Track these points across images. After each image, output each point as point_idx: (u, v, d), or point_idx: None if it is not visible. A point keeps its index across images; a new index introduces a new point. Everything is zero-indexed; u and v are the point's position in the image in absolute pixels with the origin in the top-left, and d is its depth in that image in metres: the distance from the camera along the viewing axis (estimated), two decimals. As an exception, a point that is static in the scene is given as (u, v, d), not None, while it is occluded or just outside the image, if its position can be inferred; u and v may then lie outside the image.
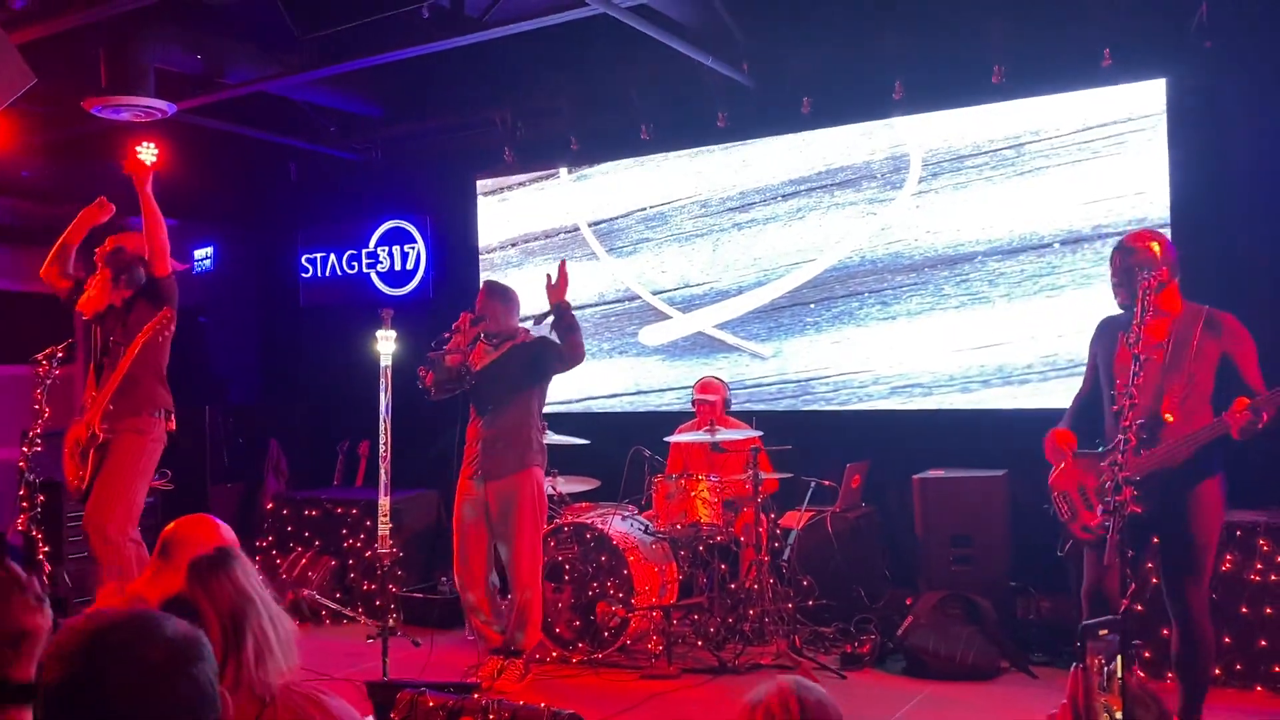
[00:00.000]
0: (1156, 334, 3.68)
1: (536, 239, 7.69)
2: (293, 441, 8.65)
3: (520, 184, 7.79)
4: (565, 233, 7.59)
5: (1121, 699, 1.59)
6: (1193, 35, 5.53)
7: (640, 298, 7.32)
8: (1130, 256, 3.76)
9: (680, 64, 6.42)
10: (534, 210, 7.74)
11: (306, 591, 6.22)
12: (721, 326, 7.03)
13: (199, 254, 9.26)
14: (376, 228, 8.46)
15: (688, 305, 7.16)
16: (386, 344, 4.49)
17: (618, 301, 7.40)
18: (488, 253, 7.90)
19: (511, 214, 7.84)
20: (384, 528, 4.36)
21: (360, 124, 8.03)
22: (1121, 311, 3.89)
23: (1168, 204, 5.68)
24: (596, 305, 7.48)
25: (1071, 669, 1.67)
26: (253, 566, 2.06)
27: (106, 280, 5.15)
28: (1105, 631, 2.68)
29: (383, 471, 4.38)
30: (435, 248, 8.27)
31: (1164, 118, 5.72)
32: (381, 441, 4.44)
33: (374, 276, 8.45)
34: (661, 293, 7.24)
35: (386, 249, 8.41)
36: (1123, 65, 5.73)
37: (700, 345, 7.09)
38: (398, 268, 8.35)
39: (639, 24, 5.74)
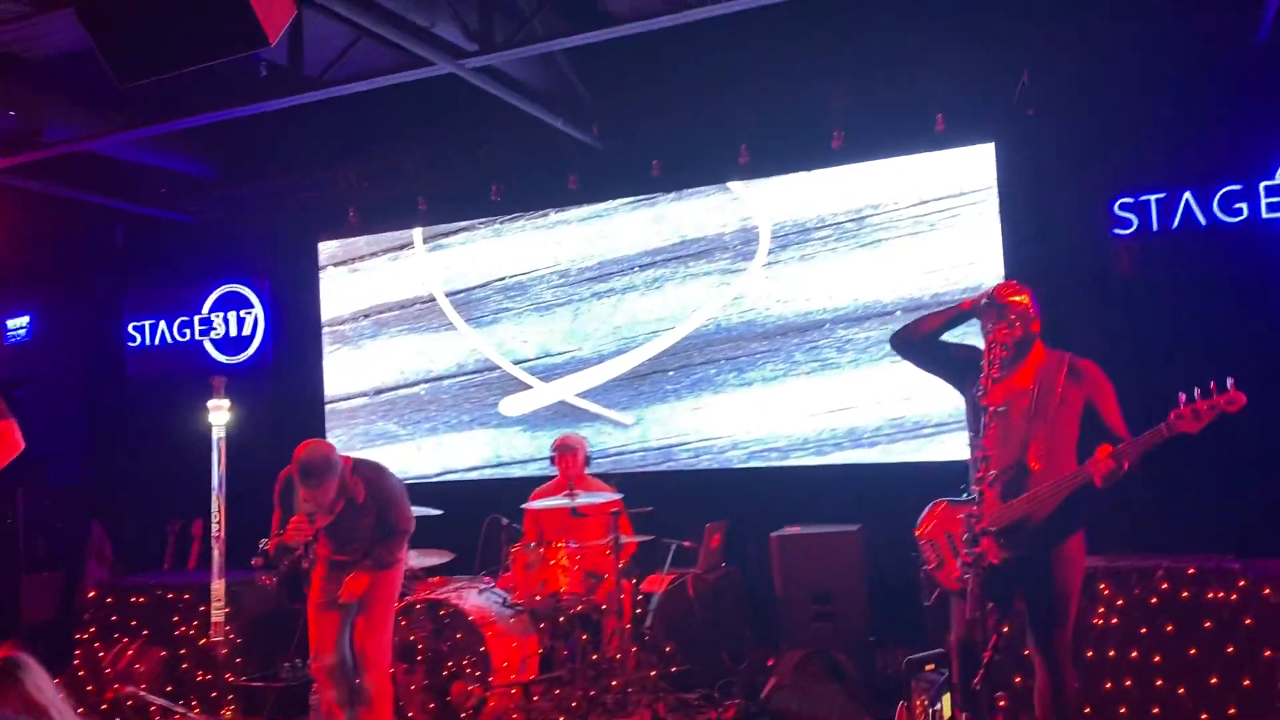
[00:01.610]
0: (1021, 381, 3.68)
1: (391, 310, 7.51)
2: (119, 524, 8.04)
3: (373, 254, 7.60)
4: (421, 303, 7.44)
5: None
6: (1017, 103, 5.85)
7: (500, 368, 7.22)
8: (1007, 312, 3.69)
9: (530, 125, 6.40)
10: (388, 280, 7.55)
11: (128, 688, 5.72)
12: (583, 395, 7.01)
13: (13, 324, 8.61)
14: (210, 293, 8.06)
15: (549, 374, 7.10)
16: (219, 414, 4.18)
17: (477, 372, 7.28)
18: (339, 324, 7.65)
19: (364, 284, 7.63)
20: (217, 614, 4.02)
21: (193, 185, 7.68)
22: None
23: (1001, 272, 5.94)
24: (455, 376, 7.33)
25: (898, 706, 1.61)
26: (46, 677, 1.80)
27: None
28: (931, 667, 2.65)
29: (215, 552, 4.05)
30: (274, 313, 7.92)
31: (994, 190, 6.03)
32: (214, 519, 4.12)
33: (207, 344, 8.01)
34: (522, 362, 7.17)
35: (221, 315, 8.00)
36: (955, 131, 6.02)
37: (562, 414, 7.01)
38: (234, 334, 7.95)
39: (487, 85, 5.68)
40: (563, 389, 7.06)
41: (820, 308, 6.43)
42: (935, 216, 6.18)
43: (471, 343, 7.30)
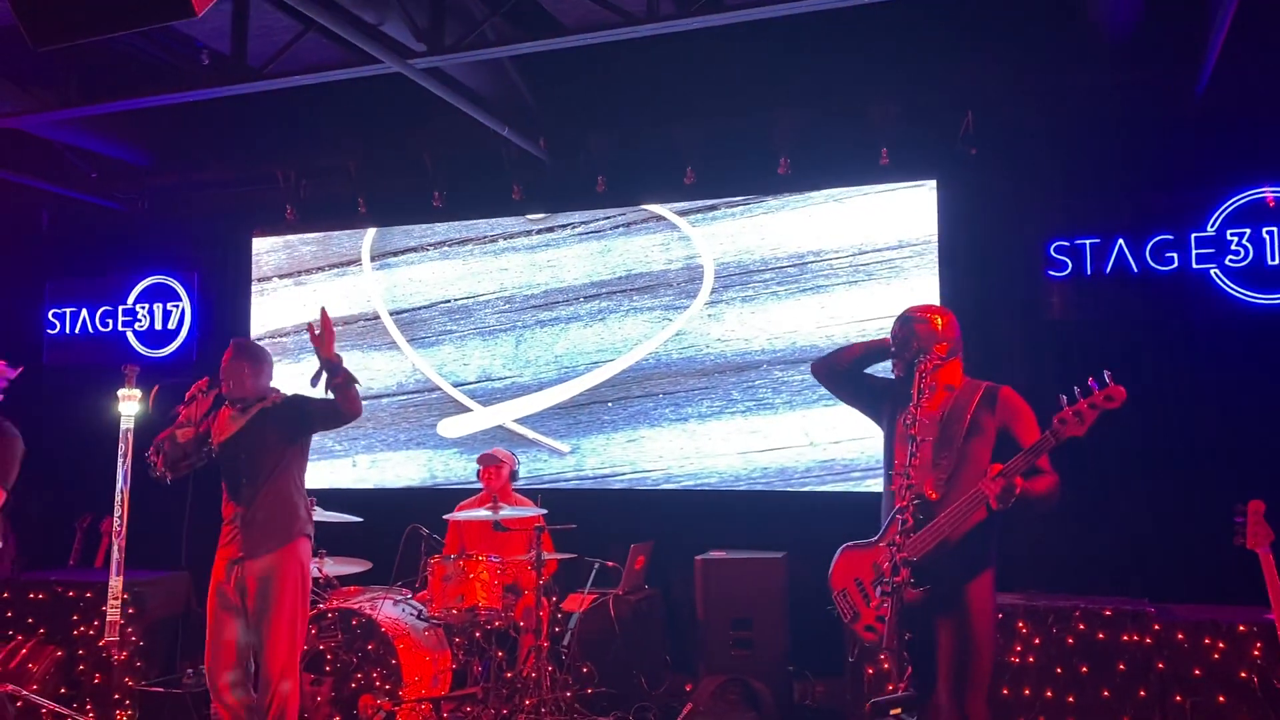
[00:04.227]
0: (933, 409, 3.52)
1: (335, 325, 7.31)
2: (25, 517, 7.72)
3: (320, 268, 7.50)
4: (366, 319, 7.38)
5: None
6: (960, 142, 5.92)
7: (440, 389, 7.16)
8: (909, 326, 3.64)
9: (476, 133, 6.33)
10: (333, 296, 7.44)
11: (10, 686, 5.46)
12: (521, 421, 6.98)
13: (-73, 303, 8.28)
14: (137, 283, 7.84)
15: (488, 399, 7.06)
16: (129, 405, 4.02)
17: (417, 392, 7.21)
18: (282, 335, 7.55)
19: (309, 298, 7.50)
20: (113, 613, 3.85)
21: (126, 171, 7.47)
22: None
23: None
24: (395, 395, 7.26)
25: None
26: None
27: None
28: (898, 711, 2.59)
29: (116, 549, 3.87)
30: (202, 307, 7.73)
31: (932, 244, 6.09)
32: (117, 515, 3.94)
33: (130, 336, 7.79)
34: (462, 385, 7.12)
35: (146, 306, 7.78)
36: (899, 166, 6.07)
37: (499, 439, 6.94)
38: (158, 327, 7.74)
39: (435, 87, 5.60)
40: (501, 414, 7.03)
41: (759, 349, 6.48)
42: (875, 266, 6.25)
43: (413, 362, 7.23)
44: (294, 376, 7.44)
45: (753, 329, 6.49)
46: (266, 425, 4.50)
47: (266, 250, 7.62)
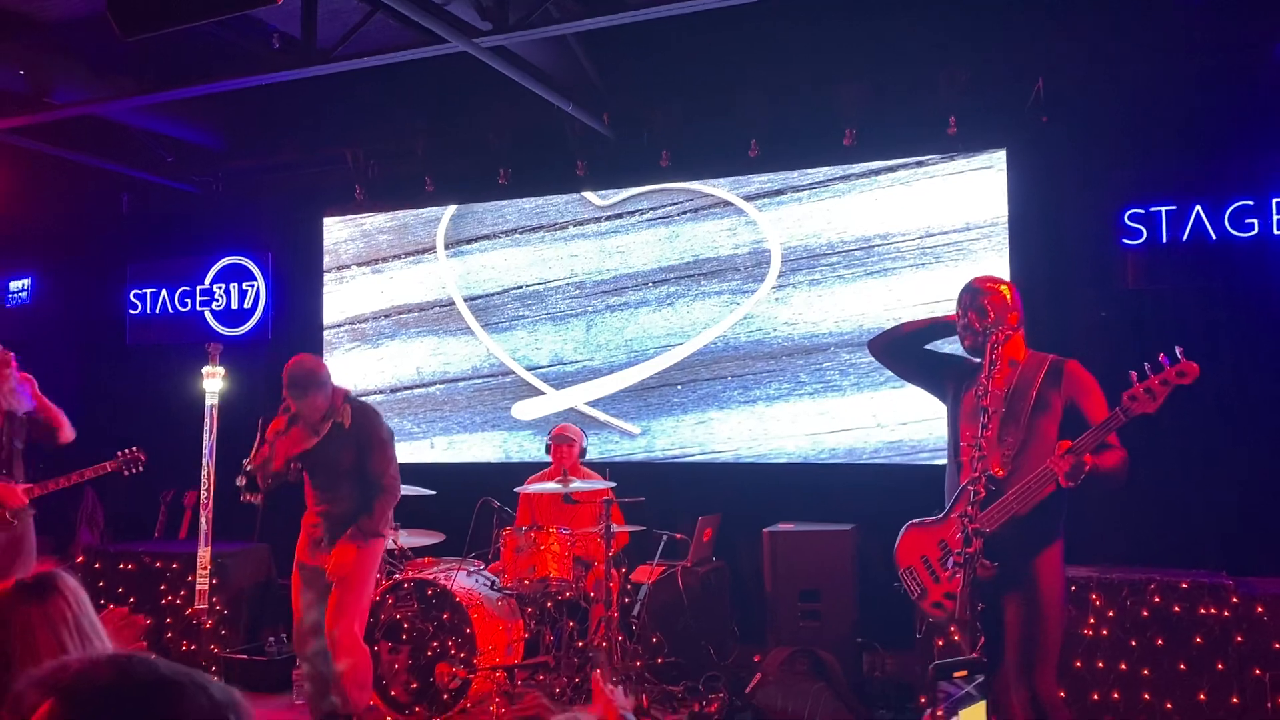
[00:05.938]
0: (998, 385, 3.48)
1: (411, 311, 7.55)
2: (112, 490, 8.02)
3: (396, 256, 7.63)
4: (440, 306, 7.50)
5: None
6: (1030, 109, 5.80)
7: (514, 373, 7.28)
8: (981, 298, 3.60)
9: (540, 110, 6.37)
10: (410, 283, 7.58)
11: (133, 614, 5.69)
12: (593, 404, 7.07)
13: (15, 285, 8.59)
14: (214, 264, 8.04)
15: (561, 382, 7.16)
16: (213, 382, 4.16)
17: (491, 376, 7.33)
18: (361, 322, 7.71)
19: (387, 286, 7.66)
20: (202, 582, 4.00)
21: (201, 155, 7.66)
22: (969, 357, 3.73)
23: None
24: (470, 379, 7.39)
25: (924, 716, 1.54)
26: (85, 599, 1.69)
27: None
28: (963, 673, 2.59)
29: (204, 520, 4.02)
30: (276, 286, 7.91)
31: (1001, 225, 5.99)
32: (204, 488, 4.09)
33: (208, 315, 8.01)
34: (535, 369, 7.23)
35: (223, 286, 7.99)
36: (967, 135, 5.97)
37: (571, 421, 7.00)
38: (234, 306, 7.94)
39: (500, 66, 5.65)
40: (574, 397, 7.12)
41: (826, 331, 6.47)
42: (942, 249, 6.19)
43: (487, 347, 7.36)
44: (373, 361, 7.61)
45: (820, 312, 6.48)
46: (340, 441, 4.64)
47: (345, 239, 7.77)
